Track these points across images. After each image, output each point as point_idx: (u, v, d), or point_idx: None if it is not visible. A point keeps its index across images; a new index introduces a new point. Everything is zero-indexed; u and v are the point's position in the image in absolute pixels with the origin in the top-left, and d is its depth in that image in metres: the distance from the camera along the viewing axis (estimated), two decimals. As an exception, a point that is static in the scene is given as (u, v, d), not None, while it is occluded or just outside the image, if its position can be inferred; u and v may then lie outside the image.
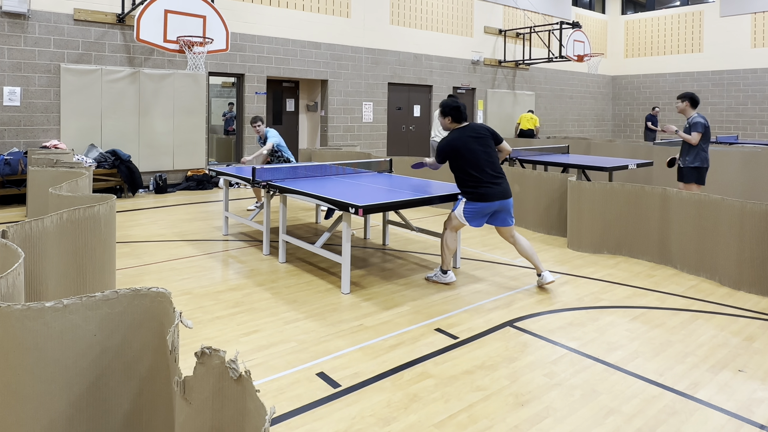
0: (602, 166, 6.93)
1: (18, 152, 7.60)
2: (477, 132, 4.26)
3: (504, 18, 15.21)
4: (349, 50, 11.74)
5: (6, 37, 7.84)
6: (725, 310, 3.90)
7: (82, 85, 8.44)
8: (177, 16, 8.23)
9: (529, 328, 3.54)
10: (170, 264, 4.86)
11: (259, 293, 4.12)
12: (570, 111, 17.44)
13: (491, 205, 4.16)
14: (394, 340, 3.31)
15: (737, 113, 16.08)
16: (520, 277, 4.61)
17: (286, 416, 2.48)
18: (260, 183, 5.06)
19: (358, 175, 5.81)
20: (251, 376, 1.29)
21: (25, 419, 1.47)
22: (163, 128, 9.28)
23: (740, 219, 4.28)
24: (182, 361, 2.54)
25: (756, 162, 7.89)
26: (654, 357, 3.14)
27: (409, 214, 7.32)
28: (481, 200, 4.15)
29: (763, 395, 2.74)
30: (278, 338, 3.32)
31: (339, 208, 4.07)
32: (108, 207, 3.17)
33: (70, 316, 1.52)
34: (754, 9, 15.79)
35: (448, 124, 4.35)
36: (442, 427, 2.42)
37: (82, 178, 4.18)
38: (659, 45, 17.84)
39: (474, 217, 4.20)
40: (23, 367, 1.47)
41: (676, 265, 4.85)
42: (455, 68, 13.89)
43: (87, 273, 2.95)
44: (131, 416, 1.62)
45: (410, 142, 13.23)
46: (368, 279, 4.49)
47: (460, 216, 4.24)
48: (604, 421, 2.49)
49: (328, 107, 11.54)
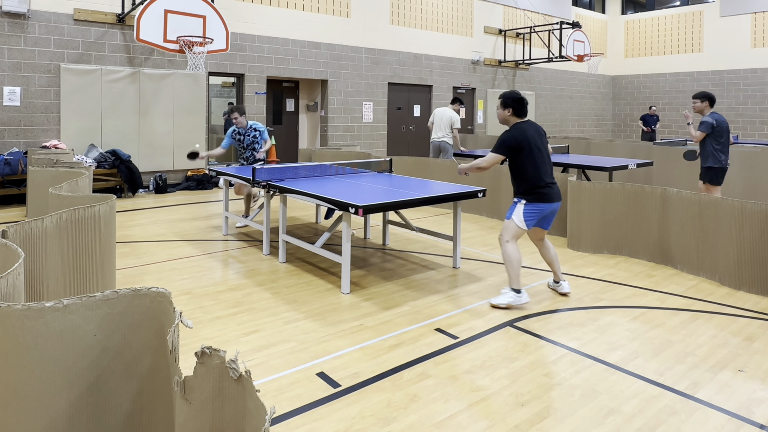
0: (602, 166, 6.93)
1: (18, 152, 7.60)
2: (538, 130, 4.04)
3: (504, 18, 15.21)
4: (349, 50, 11.74)
5: (6, 37, 7.84)
6: (725, 310, 3.90)
7: (82, 85, 8.44)
8: (177, 16, 8.23)
9: (529, 328, 3.54)
10: (170, 264, 4.86)
11: (259, 293, 4.12)
12: (570, 111, 17.44)
13: (552, 206, 3.94)
14: (394, 340, 3.31)
15: (737, 113, 16.08)
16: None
17: (286, 416, 2.48)
18: (260, 184, 5.06)
19: (358, 175, 5.81)
20: (251, 376, 1.29)
21: (25, 419, 1.47)
22: (163, 128, 9.28)
23: (740, 219, 4.28)
24: (182, 361, 2.55)
25: (756, 162, 7.89)
26: (654, 357, 3.14)
27: (409, 214, 7.32)
28: (544, 200, 3.89)
29: (763, 395, 2.74)
30: (278, 338, 3.32)
31: (339, 208, 4.08)
32: (108, 207, 3.17)
33: (70, 316, 1.52)
34: (754, 9, 15.79)
35: (508, 116, 4.04)
36: (442, 427, 2.42)
37: (82, 178, 4.18)
38: (659, 45, 17.83)
39: (533, 220, 3.91)
40: (23, 367, 1.47)
41: (676, 265, 4.85)
42: (455, 68, 13.89)
43: (87, 273, 2.95)
44: (131, 416, 1.62)
45: (410, 142, 13.23)
46: (368, 279, 4.49)
47: (520, 221, 3.90)
48: (604, 421, 2.49)
49: (328, 107, 11.54)
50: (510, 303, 3.85)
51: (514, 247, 3.89)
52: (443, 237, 4.96)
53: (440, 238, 5.02)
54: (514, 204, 3.98)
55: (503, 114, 4.06)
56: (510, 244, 3.90)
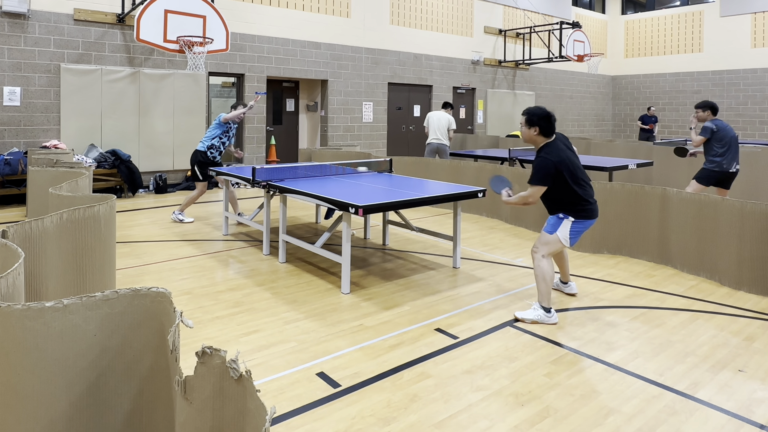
0: (602, 166, 6.93)
1: (18, 152, 7.60)
2: (565, 143, 3.78)
3: (504, 18, 15.21)
4: (349, 50, 11.74)
5: (6, 37, 7.84)
6: (725, 310, 3.90)
7: (82, 85, 8.44)
8: (177, 16, 8.23)
9: (529, 328, 3.54)
10: (170, 264, 4.86)
11: (259, 293, 4.12)
12: (570, 111, 17.44)
13: (594, 221, 3.74)
14: (394, 340, 3.31)
15: (737, 113, 16.09)
16: (520, 278, 4.61)
17: (286, 416, 2.48)
18: (261, 184, 5.06)
19: (358, 175, 5.81)
20: (252, 376, 1.29)
21: (25, 419, 1.47)
22: (163, 128, 9.28)
23: (740, 219, 4.28)
24: (182, 361, 2.55)
25: (756, 162, 7.90)
26: (654, 357, 3.14)
27: (409, 214, 7.32)
28: (590, 217, 3.68)
29: (763, 395, 2.74)
30: (278, 338, 3.32)
31: (339, 208, 4.08)
32: (108, 207, 3.17)
33: (70, 316, 1.52)
34: (754, 9, 15.79)
35: (534, 136, 3.71)
36: (442, 427, 2.43)
37: (82, 178, 4.18)
38: (659, 45, 17.84)
39: (577, 237, 3.71)
40: (23, 366, 1.47)
41: (676, 265, 4.85)
42: (455, 68, 13.89)
43: (87, 273, 2.95)
44: (131, 416, 1.62)
45: (410, 142, 13.23)
46: (368, 279, 4.49)
47: (565, 238, 3.66)
48: (604, 421, 2.49)
49: (328, 107, 11.53)
50: (537, 320, 3.61)
51: (550, 263, 3.67)
52: (443, 237, 4.96)
53: (440, 238, 5.02)
54: (559, 219, 3.69)
55: (529, 134, 3.73)
56: (546, 260, 3.66)
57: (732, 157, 5.91)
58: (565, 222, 3.66)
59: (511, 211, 6.70)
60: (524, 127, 3.74)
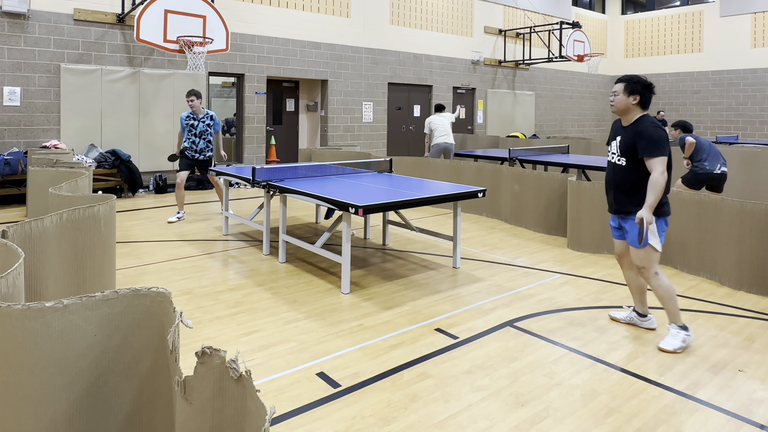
0: (602, 166, 6.93)
1: (18, 152, 7.60)
2: None
3: (504, 18, 15.21)
4: (349, 50, 11.74)
5: (6, 37, 7.84)
6: (725, 310, 3.90)
7: (82, 85, 8.44)
8: (177, 16, 8.23)
9: (529, 328, 3.54)
10: (170, 264, 4.86)
11: (259, 293, 4.12)
12: (570, 111, 17.44)
13: None
14: (394, 340, 3.31)
15: (737, 113, 16.09)
16: (520, 278, 4.61)
17: (286, 416, 2.48)
18: (261, 184, 5.05)
19: (358, 175, 5.81)
20: (251, 376, 1.29)
21: (25, 419, 1.47)
22: (163, 128, 9.29)
23: (740, 219, 4.28)
24: (182, 361, 2.55)
25: (756, 162, 7.89)
26: (654, 357, 3.14)
27: (409, 214, 7.32)
28: (669, 213, 3.28)
29: (763, 395, 2.74)
30: (278, 338, 3.32)
31: (339, 208, 4.08)
32: (108, 207, 3.17)
33: (70, 316, 1.52)
34: (754, 9, 15.79)
35: (632, 105, 3.24)
36: (442, 427, 2.43)
37: (82, 178, 4.18)
38: (659, 45, 17.84)
39: (663, 236, 3.27)
40: (23, 366, 1.47)
41: (676, 265, 4.85)
42: (455, 68, 13.89)
43: (87, 273, 2.95)
44: (131, 416, 1.62)
45: (410, 142, 13.23)
46: (368, 279, 4.49)
47: (658, 243, 3.19)
48: (604, 421, 2.49)
49: (328, 107, 11.54)
50: (684, 345, 3.20)
51: (666, 277, 3.26)
52: (443, 237, 4.96)
53: (440, 238, 5.02)
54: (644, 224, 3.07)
55: (627, 102, 3.23)
56: (661, 275, 3.23)
57: (713, 158, 6.21)
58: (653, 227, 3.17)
59: (511, 211, 6.69)
60: (622, 94, 3.25)
